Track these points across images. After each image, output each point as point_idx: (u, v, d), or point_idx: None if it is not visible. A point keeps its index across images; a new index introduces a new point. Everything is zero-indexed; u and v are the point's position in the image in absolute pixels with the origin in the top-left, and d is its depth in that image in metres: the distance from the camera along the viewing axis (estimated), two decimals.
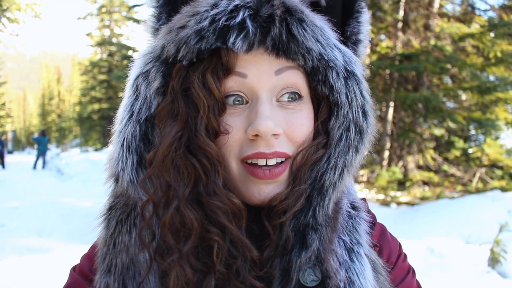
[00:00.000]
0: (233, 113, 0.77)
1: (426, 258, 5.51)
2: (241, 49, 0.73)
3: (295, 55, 0.76)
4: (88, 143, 34.12)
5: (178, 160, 0.74)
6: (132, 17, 16.26)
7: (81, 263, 0.90)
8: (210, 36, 0.73)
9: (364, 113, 0.81)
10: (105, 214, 0.82)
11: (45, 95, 63.16)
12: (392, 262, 0.91)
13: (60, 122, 53.35)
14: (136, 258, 0.76)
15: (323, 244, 0.76)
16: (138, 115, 0.80)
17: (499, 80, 10.41)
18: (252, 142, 0.76)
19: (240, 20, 0.72)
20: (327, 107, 0.81)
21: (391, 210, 9.40)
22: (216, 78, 0.75)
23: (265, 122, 0.72)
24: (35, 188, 13.05)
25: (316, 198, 0.78)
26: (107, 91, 31.73)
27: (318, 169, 0.79)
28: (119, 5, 32.84)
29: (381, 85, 12.19)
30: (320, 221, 0.78)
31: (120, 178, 0.81)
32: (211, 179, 0.75)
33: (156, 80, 0.79)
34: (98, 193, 11.04)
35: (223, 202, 0.74)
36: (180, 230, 0.73)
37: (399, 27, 11.93)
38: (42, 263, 5.60)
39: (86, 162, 18.45)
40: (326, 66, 0.77)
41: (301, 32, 0.74)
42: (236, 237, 0.73)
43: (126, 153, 0.80)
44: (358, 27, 0.88)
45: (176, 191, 0.73)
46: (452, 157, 12.73)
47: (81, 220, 8.04)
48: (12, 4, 16.08)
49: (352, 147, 0.80)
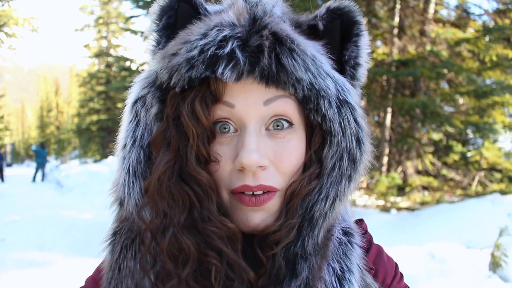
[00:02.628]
0: (222, 142, 0.77)
1: (427, 264, 5.50)
2: (230, 79, 0.73)
3: (284, 85, 0.75)
4: (87, 155, 34.06)
5: (172, 188, 0.75)
6: (129, 28, 16.28)
7: (85, 286, 0.90)
8: (200, 65, 0.73)
9: (358, 141, 0.79)
10: (110, 239, 0.83)
11: (43, 107, 63.11)
12: (387, 284, 0.91)
13: (58, 134, 53.24)
14: (141, 283, 0.77)
15: (312, 272, 0.76)
16: (141, 140, 0.81)
17: (495, 84, 10.45)
18: (240, 173, 0.75)
19: (228, 50, 0.72)
20: (320, 135, 0.79)
21: (391, 216, 9.40)
22: (205, 106, 0.75)
23: (249, 155, 0.72)
24: (35, 201, 12.98)
25: (306, 229, 0.77)
26: (105, 102, 31.69)
27: (309, 200, 0.78)
28: (116, 16, 32.91)
29: (378, 92, 12.22)
30: (309, 251, 0.77)
31: (125, 203, 0.81)
32: (205, 206, 0.75)
33: (153, 107, 0.80)
34: (99, 205, 11.01)
35: (218, 227, 0.74)
36: (178, 256, 0.74)
37: (394, 33, 11.99)
38: (43, 277, 5.57)
39: (85, 174, 18.44)
40: (317, 95, 0.76)
41: (290, 62, 0.74)
42: (233, 260, 0.74)
43: (133, 179, 0.80)
44: (356, 51, 0.86)
45: (171, 218, 0.74)
46: (451, 161, 12.73)
47: (81, 233, 8.02)
48: (10, 19, 16.15)
49: (345, 176, 0.79)
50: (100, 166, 20.68)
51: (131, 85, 0.86)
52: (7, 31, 16.44)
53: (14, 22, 16.34)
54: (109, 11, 33.04)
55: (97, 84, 32.38)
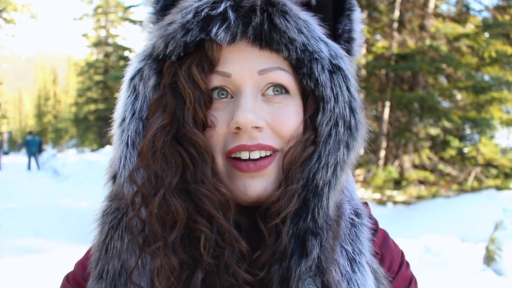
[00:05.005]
0: (218, 107, 0.77)
1: (423, 256, 5.54)
2: (224, 40, 0.74)
3: (278, 45, 0.76)
4: (85, 144, 34.05)
5: (165, 150, 0.75)
6: (128, 18, 16.27)
7: (74, 270, 0.89)
8: (194, 28, 0.75)
9: (352, 109, 0.79)
10: (99, 219, 0.82)
11: (41, 96, 62.88)
12: (394, 271, 0.88)
13: (56, 123, 53.16)
14: (127, 264, 0.76)
15: (324, 253, 0.74)
16: (140, 112, 0.81)
17: (494, 80, 10.48)
18: (235, 136, 0.75)
19: (221, 10, 0.74)
20: (314, 102, 0.79)
21: (387, 209, 9.45)
22: (202, 71, 0.76)
23: (245, 114, 0.72)
24: (32, 189, 12.98)
25: (313, 200, 0.76)
26: (103, 91, 31.64)
27: (310, 169, 0.77)
28: (115, 6, 32.74)
29: (377, 85, 12.23)
30: (320, 224, 0.75)
31: (118, 175, 0.80)
32: (199, 168, 0.75)
33: (151, 79, 0.81)
34: (95, 194, 11.01)
35: (210, 191, 0.73)
36: (166, 219, 0.73)
37: (394, 27, 11.97)
38: (39, 264, 5.60)
39: (82, 163, 18.42)
40: (310, 58, 0.77)
41: (283, 22, 0.75)
42: (223, 226, 0.73)
43: (130, 150, 0.80)
44: (350, 25, 0.87)
45: (163, 180, 0.74)
46: (448, 157, 12.78)
47: (78, 221, 8.02)
48: (8, 4, 16.02)
49: (342, 143, 0.78)
50: (97, 155, 20.67)
51: (129, 62, 0.86)
52: (5, 17, 16.31)
53: (13, 8, 16.22)
54: (108, 1, 32.86)
55: (95, 73, 32.30)
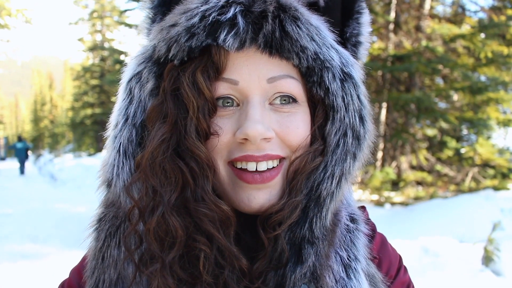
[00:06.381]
0: (223, 115, 0.73)
1: (421, 257, 5.53)
2: (232, 47, 0.70)
3: (288, 53, 0.72)
4: (81, 149, 33.94)
5: (165, 164, 0.71)
6: (123, 22, 16.22)
7: (70, 278, 0.87)
8: (201, 33, 0.70)
9: (361, 118, 0.77)
10: (95, 225, 0.80)
11: (37, 101, 62.65)
12: (391, 275, 0.87)
13: (52, 127, 52.93)
14: (124, 273, 0.74)
15: (319, 260, 0.73)
16: (134, 118, 0.77)
17: (490, 80, 10.50)
18: (241, 145, 0.72)
19: (231, 15, 0.69)
20: (323, 111, 0.77)
21: (385, 210, 9.44)
22: (207, 77, 0.72)
23: (255, 125, 0.69)
24: (28, 194, 12.94)
25: (313, 210, 0.74)
26: (99, 96, 31.55)
27: (315, 179, 0.75)
28: (111, 10, 32.69)
29: (373, 86, 12.23)
30: (317, 234, 0.74)
31: (113, 184, 0.77)
32: (199, 184, 0.71)
33: (149, 82, 0.76)
34: (92, 199, 10.90)
35: (211, 209, 0.70)
36: (165, 239, 0.70)
37: (390, 28, 11.99)
38: (36, 270, 5.56)
39: (79, 167, 18.35)
40: (321, 67, 0.73)
41: (295, 29, 0.71)
42: (224, 246, 0.70)
43: (123, 159, 0.76)
44: (358, 29, 0.84)
45: (162, 196, 0.70)
46: (445, 157, 12.79)
47: (75, 226, 7.98)
48: (2, 9, 15.98)
49: (349, 153, 0.76)
50: (94, 160, 20.59)
51: (125, 65, 0.82)
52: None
53: (7, 13, 16.19)
54: (103, 5, 32.80)
55: (91, 78, 32.22)
